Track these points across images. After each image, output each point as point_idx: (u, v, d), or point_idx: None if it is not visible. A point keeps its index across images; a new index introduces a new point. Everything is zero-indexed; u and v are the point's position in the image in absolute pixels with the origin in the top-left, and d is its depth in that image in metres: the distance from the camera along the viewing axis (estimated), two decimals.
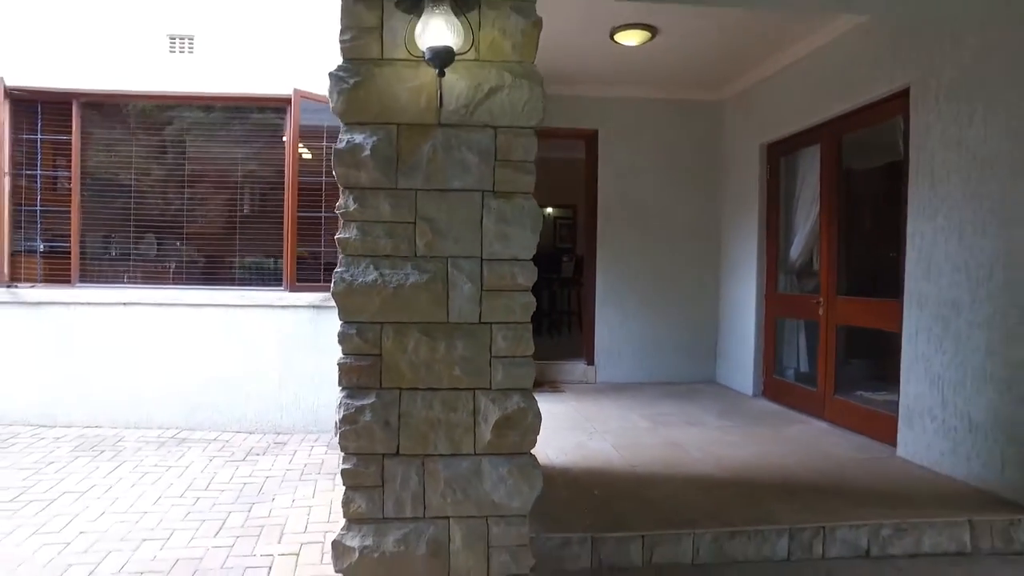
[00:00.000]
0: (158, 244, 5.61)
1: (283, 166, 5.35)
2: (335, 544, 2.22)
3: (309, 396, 5.28)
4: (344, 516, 2.19)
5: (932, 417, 3.60)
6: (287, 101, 5.25)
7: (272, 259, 5.47)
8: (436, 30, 1.96)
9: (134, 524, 3.46)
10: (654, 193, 6.12)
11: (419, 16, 1.99)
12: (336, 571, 2.22)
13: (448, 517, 2.21)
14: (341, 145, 2.14)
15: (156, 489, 3.96)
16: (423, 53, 2.01)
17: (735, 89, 5.88)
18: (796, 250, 5.31)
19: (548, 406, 4.77)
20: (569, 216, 10.22)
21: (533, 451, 2.28)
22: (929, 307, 3.63)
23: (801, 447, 4.04)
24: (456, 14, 1.99)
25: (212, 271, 5.55)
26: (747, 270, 5.71)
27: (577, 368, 6.27)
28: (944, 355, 3.52)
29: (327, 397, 5.21)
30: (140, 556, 3.10)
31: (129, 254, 5.55)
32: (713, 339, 6.23)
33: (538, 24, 2.21)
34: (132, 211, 5.50)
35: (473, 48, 2.13)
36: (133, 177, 5.53)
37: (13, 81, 5.08)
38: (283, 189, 5.34)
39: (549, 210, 10.76)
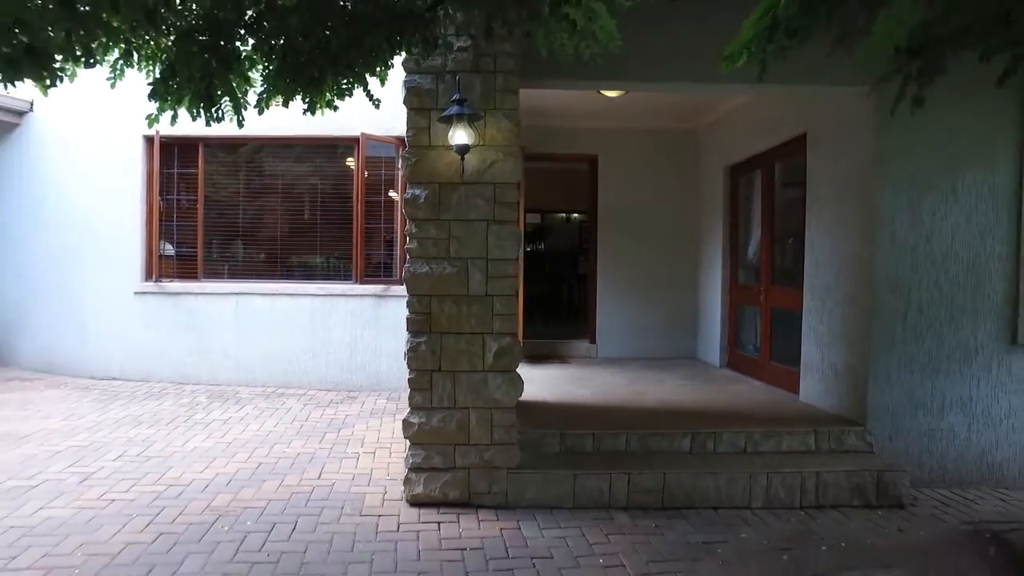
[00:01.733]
0: (260, 249, 7.41)
1: (352, 189, 7.07)
2: (405, 422, 3.86)
3: (371, 363, 6.98)
4: (409, 405, 3.84)
5: (816, 370, 5.07)
6: (356, 140, 6.96)
7: (345, 259, 7.20)
8: (460, 134, 3.58)
9: (265, 436, 5.20)
10: (643, 204, 7.61)
11: (451, 126, 3.62)
12: (405, 436, 3.86)
13: (468, 407, 3.84)
14: (408, 196, 3.79)
15: (272, 421, 5.71)
16: (453, 146, 3.64)
17: (706, 121, 7.35)
18: (751, 250, 6.77)
19: (554, 371, 6.40)
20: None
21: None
22: (816, 292, 5.10)
23: (730, 396, 5.53)
24: (470, 124, 3.61)
25: (300, 269, 7.32)
26: (715, 266, 7.18)
27: (582, 346, 7.81)
28: (822, 325, 4.99)
29: (385, 364, 6.91)
30: (275, 451, 4.82)
31: (239, 257, 7.37)
32: (692, 322, 7.70)
33: (517, 123, 3.82)
34: (240, 224, 7.32)
35: (480, 140, 3.75)
36: (241, 199, 7.34)
37: (163, 132, 6.89)
38: (352, 206, 7.06)
39: (575, 215, 12.24)
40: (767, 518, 3.83)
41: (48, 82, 2.65)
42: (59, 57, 2.70)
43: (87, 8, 2.54)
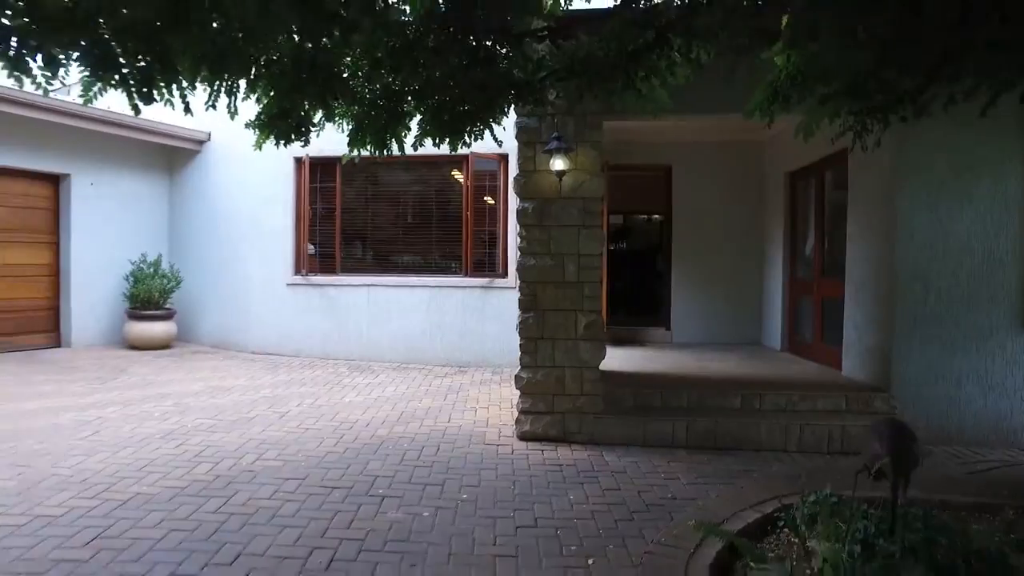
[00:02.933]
0: (385, 248, 8.95)
1: (462, 197, 8.48)
2: (516, 376, 5.17)
3: (478, 344, 8.36)
4: (520, 363, 5.14)
5: (854, 349, 6.01)
6: (465, 157, 8.36)
7: (455, 257, 8.62)
8: (558, 162, 4.85)
9: (400, 396, 6.64)
10: (713, 207, 8.63)
11: (551, 156, 4.88)
12: (516, 388, 5.17)
13: (564, 366, 5.10)
14: (520, 208, 5.09)
15: (403, 385, 7.16)
16: (554, 171, 4.90)
17: (769, 132, 8.28)
18: (807, 248, 7.68)
19: (633, 352, 7.55)
20: None
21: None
22: (854, 283, 6.04)
23: (780, 370, 6.53)
24: (565, 154, 4.86)
25: (419, 265, 8.80)
26: (776, 262, 8.12)
27: (659, 332, 8.90)
28: (859, 312, 5.93)
29: (490, 344, 8.26)
30: (411, 405, 6.25)
31: (369, 255, 8.93)
32: (757, 312, 8.65)
33: (600, 152, 5.03)
34: (369, 227, 8.87)
35: (573, 165, 5.00)
36: (370, 206, 8.90)
37: (313, 154, 8.52)
38: (462, 212, 8.47)
39: (656, 216, 13.24)
40: (797, 458, 4.88)
41: (296, 138, 4.12)
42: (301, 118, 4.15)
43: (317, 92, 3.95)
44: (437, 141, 4.64)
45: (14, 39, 2.48)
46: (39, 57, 2.58)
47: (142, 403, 6.16)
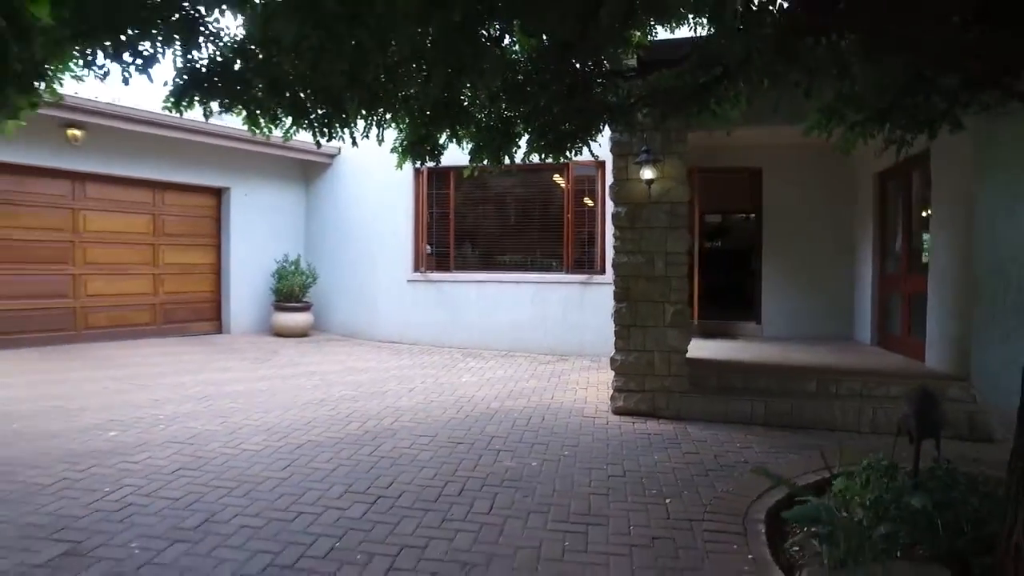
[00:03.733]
0: (494, 247, 9.91)
1: (563, 200, 9.30)
2: (611, 359, 5.93)
3: (578, 335, 9.14)
4: (615, 347, 5.89)
5: (937, 341, 6.32)
6: (566, 165, 9.17)
7: (557, 256, 9.45)
8: (647, 172, 5.56)
9: (508, 378, 7.54)
10: (803, 207, 8.98)
11: (641, 166, 5.61)
12: (611, 368, 5.93)
13: (653, 350, 5.80)
14: (614, 212, 5.84)
15: (511, 370, 8.06)
16: (643, 180, 5.63)
17: None
18: (896, 245, 7.92)
19: (723, 343, 8.10)
20: None
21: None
22: (936, 279, 6.35)
23: (863, 360, 6.89)
24: (654, 165, 5.57)
25: (524, 263, 9.71)
26: (866, 258, 8.38)
27: (749, 327, 9.34)
28: (941, 306, 6.24)
29: (588, 335, 9.03)
30: (519, 386, 7.13)
31: (479, 253, 9.93)
32: (848, 307, 8.91)
33: (685, 162, 5.69)
34: (480, 229, 9.86)
35: (661, 175, 5.69)
36: (480, 210, 9.88)
37: (429, 165, 9.59)
38: (563, 214, 9.29)
39: (752, 215, 13.54)
40: (868, 437, 5.34)
41: (429, 159, 5.07)
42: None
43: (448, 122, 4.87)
44: (543, 156, 5.48)
45: (254, 107, 3.54)
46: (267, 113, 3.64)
47: (295, 378, 7.40)
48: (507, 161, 5.61)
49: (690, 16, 4.28)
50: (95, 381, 6.97)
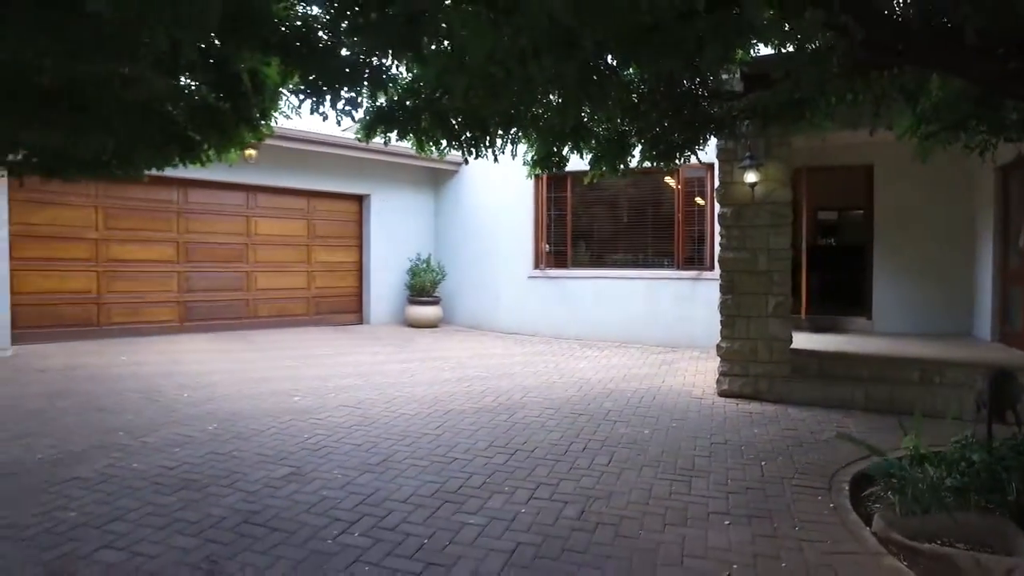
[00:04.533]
0: (608, 245, 10.63)
1: (673, 201, 9.86)
2: (718, 346, 6.51)
3: (687, 328, 9.68)
4: (720, 336, 6.47)
5: None
6: (677, 168, 9.72)
7: (668, 253, 10.02)
8: (750, 175, 6.10)
9: (621, 365, 8.23)
10: (916, 203, 9.02)
11: (745, 170, 6.15)
12: (717, 355, 6.51)
13: (756, 339, 6.33)
14: (720, 212, 6.42)
15: (624, 358, 8.76)
16: (747, 183, 6.17)
17: None
18: (1021, 240, 7.87)
19: (830, 337, 8.41)
20: None
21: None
22: None
23: (974, 354, 7.00)
24: (757, 169, 6.10)
25: (637, 260, 10.35)
26: (986, 253, 8.35)
27: (860, 322, 9.47)
28: None
29: (698, 329, 9.55)
30: (631, 371, 7.82)
31: (594, 251, 10.68)
32: (966, 303, 8.86)
33: (791, 164, 6.16)
34: (596, 229, 10.60)
35: (764, 178, 6.20)
36: (595, 210, 10.62)
37: None
38: (673, 213, 9.85)
39: (860, 211, 13.40)
40: (968, 426, 5.60)
41: (556, 170, 5.88)
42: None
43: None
44: (655, 164, 6.16)
45: (421, 134, 4.52)
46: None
47: (432, 361, 8.48)
48: (622, 169, 6.35)
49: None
50: (270, 360, 8.37)
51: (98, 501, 3.70)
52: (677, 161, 6.11)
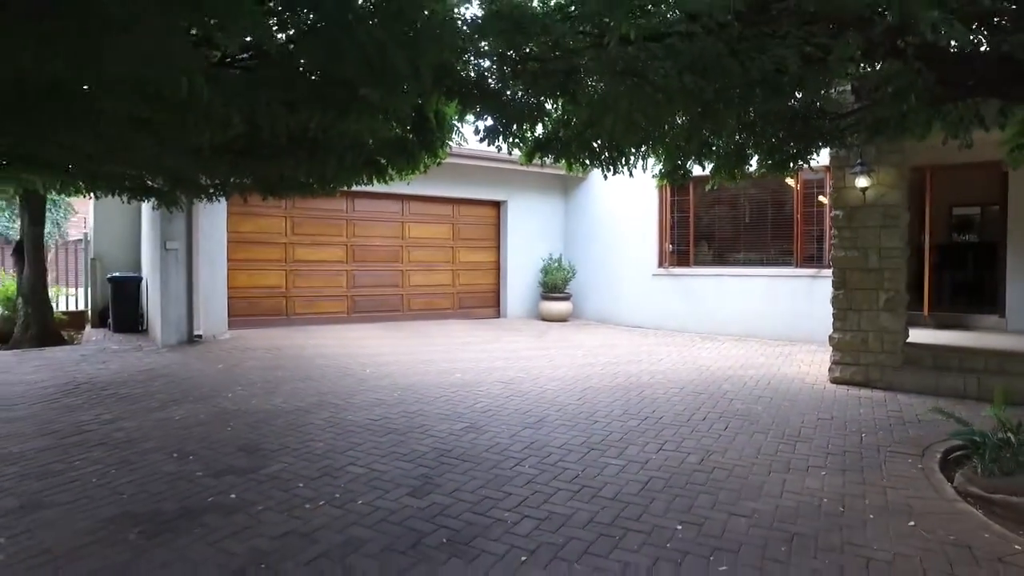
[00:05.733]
0: (728, 244, 11.26)
1: (794, 202, 10.35)
2: (830, 337, 7.11)
3: (805, 323, 10.13)
4: (833, 327, 7.06)
5: None
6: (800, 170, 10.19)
7: (787, 252, 10.51)
8: (861, 180, 6.67)
9: (740, 355, 8.91)
10: None
11: (856, 176, 6.72)
12: (829, 345, 7.11)
13: (867, 331, 6.87)
14: (833, 214, 7.02)
15: (743, 351, 9.42)
16: (858, 187, 6.74)
17: None
18: None
19: (953, 333, 8.58)
20: None
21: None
22: None
23: None
24: (868, 174, 6.65)
25: (757, 258, 10.91)
26: None
27: (990, 319, 9.48)
28: None
29: (816, 324, 9.97)
30: (749, 360, 8.49)
31: (716, 250, 11.34)
32: None
33: (903, 168, 6.66)
34: (717, 229, 11.26)
35: (875, 182, 6.73)
36: (716, 211, 11.28)
37: None
38: (793, 214, 10.33)
39: (994, 207, 13.00)
40: None
41: (682, 181, 6.76)
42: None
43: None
44: (771, 174, 6.87)
45: (570, 157, 5.59)
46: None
47: (566, 349, 9.56)
48: (740, 177, 7.10)
49: None
50: (425, 345, 9.80)
51: (333, 438, 5.07)
52: (790, 170, 6.79)
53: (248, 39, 3.57)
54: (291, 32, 3.77)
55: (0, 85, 3.29)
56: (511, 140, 5.12)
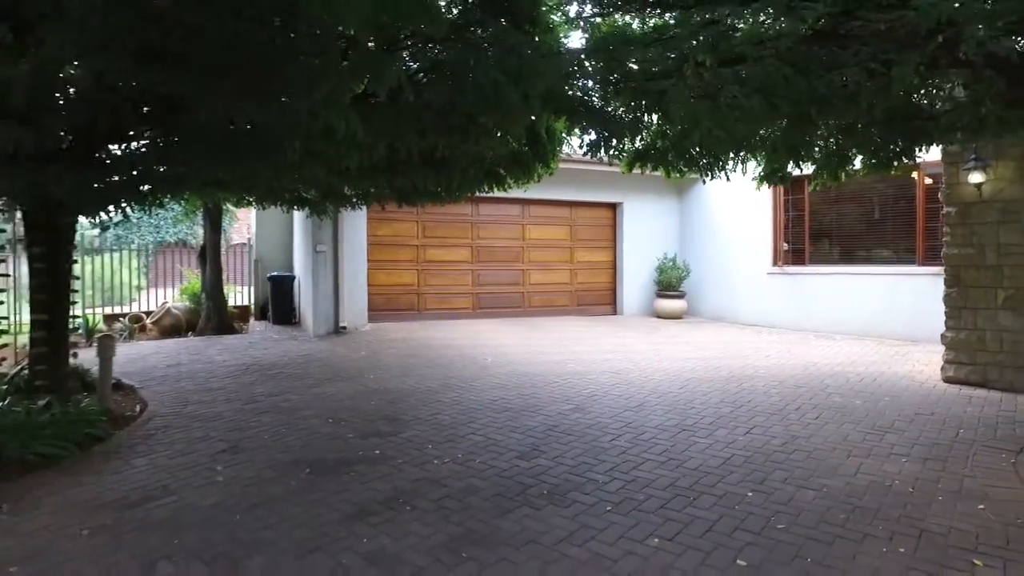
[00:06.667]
0: (846, 242, 11.10)
1: (915, 198, 10.08)
2: (942, 336, 7.07)
3: (927, 322, 9.75)
4: (944, 327, 7.02)
5: None
6: (917, 167, 9.93)
7: (908, 250, 10.25)
8: (976, 176, 6.61)
9: (853, 352, 8.90)
10: None
11: (970, 171, 6.66)
12: (942, 344, 7.06)
13: (984, 329, 6.77)
14: (946, 211, 6.97)
15: (856, 348, 9.38)
16: (973, 184, 6.67)
17: None
18: None
19: None
20: None
21: None
22: None
23: None
24: (983, 170, 6.57)
25: (876, 256, 10.70)
26: None
27: None
28: None
29: (939, 323, 9.67)
30: (861, 359, 8.52)
31: (834, 249, 11.22)
32: None
33: (1023, 161, 6.52)
34: (834, 227, 11.14)
35: (992, 177, 6.63)
36: (834, 209, 11.16)
37: None
38: (915, 210, 10.06)
39: None
40: None
41: (781, 183, 7.03)
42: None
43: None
44: (875, 172, 6.96)
45: (668, 165, 6.10)
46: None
47: (676, 345, 9.95)
48: (843, 178, 7.23)
49: None
50: (543, 339, 10.55)
51: (457, 413, 5.90)
52: (897, 167, 6.84)
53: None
54: (422, 77, 4.62)
55: (213, 131, 4.39)
56: (612, 152, 5.71)
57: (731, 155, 6.57)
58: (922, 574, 2.97)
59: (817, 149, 6.81)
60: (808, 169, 7.19)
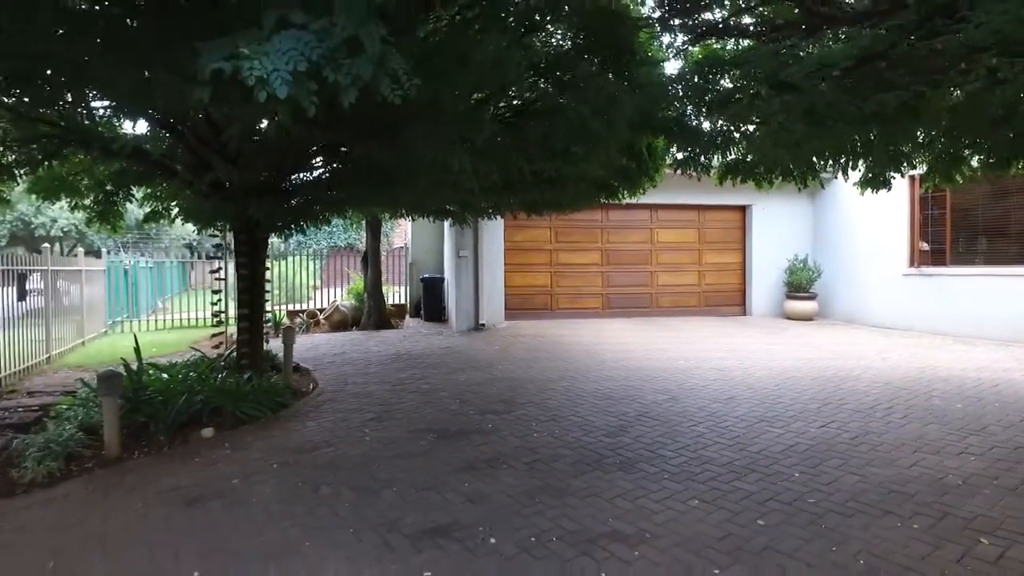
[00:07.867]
0: (996, 242, 10.56)
1: None
2: None
3: None
4: None
5: None
6: None
7: None
8: None
9: (986, 357, 8.64)
10: None
11: None
12: None
13: None
14: None
15: (996, 354, 9.03)
16: None
17: None
18: None
19: None
20: None
21: None
22: None
23: None
24: None
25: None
26: None
27: None
28: None
29: None
30: (988, 364, 8.30)
31: (979, 248, 10.71)
32: None
33: None
34: (980, 225, 10.62)
35: None
36: (980, 205, 10.64)
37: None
38: None
39: None
40: None
41: (883, 188, 7.18)
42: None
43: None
44: (992, 172, 6.90)
45: (758, 175, 6.59)
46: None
47: (795, 346, 10.12)
48: (959, 179, 7.22)
49: None
50: (666, 338, 11.13)
51: (565, 399, 6.81)
52: (1018, 167, 6.75)
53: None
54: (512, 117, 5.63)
55: (363, 167, 5.69)
56: (700, 167, 6.33)
57: (830, 163, 6.86)
58: (922, 544, 3.45)
59: (924, 152, 6.91)
60: (903, 176, 7.23)
